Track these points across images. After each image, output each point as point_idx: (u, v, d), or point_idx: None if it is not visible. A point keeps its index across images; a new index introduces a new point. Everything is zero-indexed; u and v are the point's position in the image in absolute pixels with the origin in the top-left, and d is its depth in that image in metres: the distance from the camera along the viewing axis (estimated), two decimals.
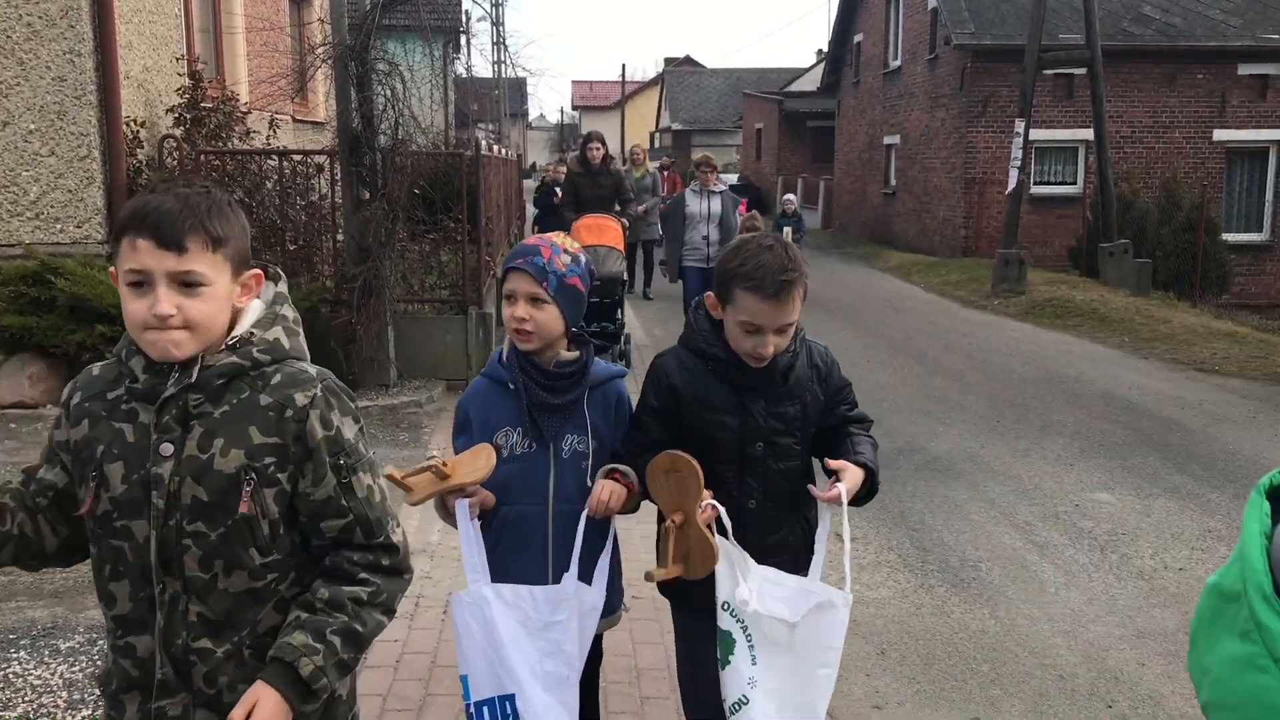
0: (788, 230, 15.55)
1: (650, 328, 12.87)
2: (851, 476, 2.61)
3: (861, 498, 2.68)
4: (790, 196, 18.58)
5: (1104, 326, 13.60)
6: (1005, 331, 13.54)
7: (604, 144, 11.54)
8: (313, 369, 2.01)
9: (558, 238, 2.76)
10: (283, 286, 2.09)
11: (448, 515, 2.66)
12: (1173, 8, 22.06)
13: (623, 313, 9.88)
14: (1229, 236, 20.22)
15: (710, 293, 2.76)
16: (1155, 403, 9.36)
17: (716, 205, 10.67)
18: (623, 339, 9.71)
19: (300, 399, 1.94)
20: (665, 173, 21.28)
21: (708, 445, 2.68)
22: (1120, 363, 11.41)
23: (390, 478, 2.42)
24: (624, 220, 10.42)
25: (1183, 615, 4.98)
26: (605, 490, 2.64)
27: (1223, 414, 8.96)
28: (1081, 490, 6.86)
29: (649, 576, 2.56)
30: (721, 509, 2.60)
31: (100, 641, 4.21)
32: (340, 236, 8.88)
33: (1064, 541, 5.93)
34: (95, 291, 7.67)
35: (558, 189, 13.87)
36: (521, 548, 2.72)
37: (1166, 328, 13.23)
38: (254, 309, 2.03)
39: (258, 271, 2.02)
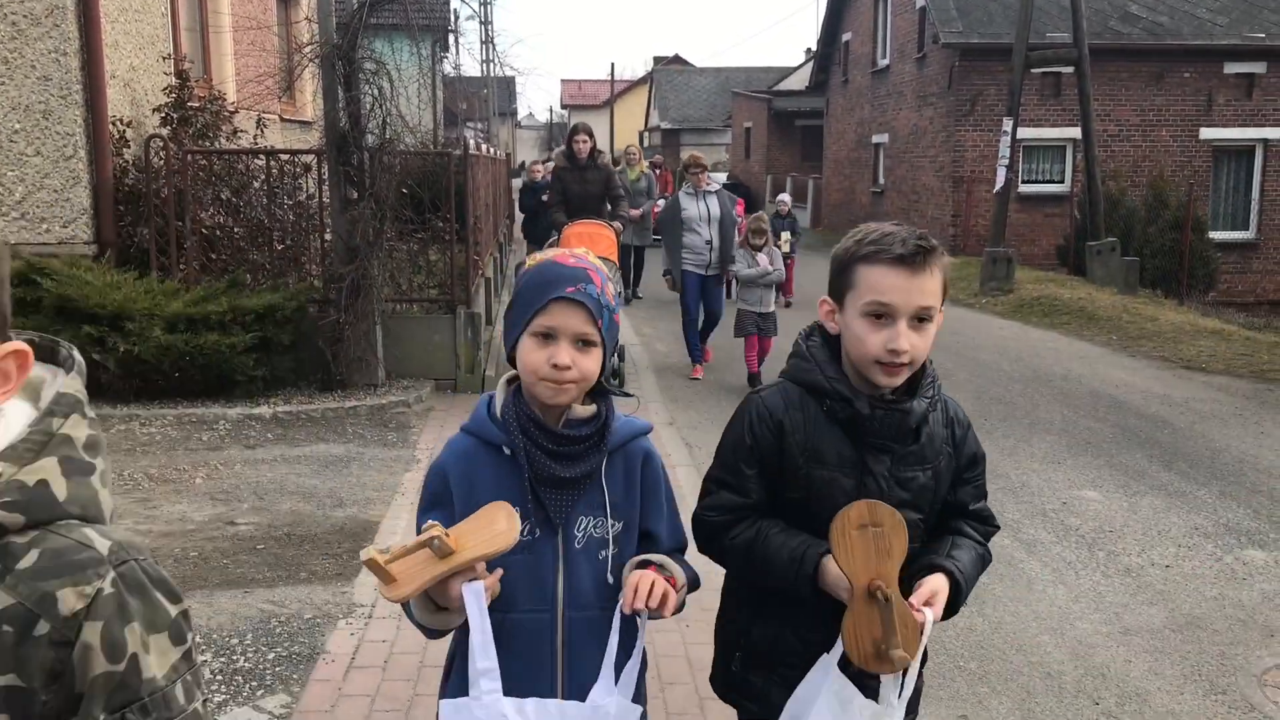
0: (785, 236, 14.39)
1: (639, 326, 12.86)
2: (939, 604, 2.06)
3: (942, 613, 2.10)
4: (784, 197, 17.84)
5: (1091, 324, 13.64)
6: (993, 329, 13.57)
7: (591, 135, 10.59)
8: (103, 542, 1.13)
9: (592, 257, 2.14)
10: (73, 381, 1.22)
11: (435, 612, 1.95)
12: (1159, 6, 22.14)
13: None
14: (1215, 234, 20.32)
15: (823, 298, 2.21)
16: (1142, 400, 9.40)
17: (714, 206, 9.96)
18: (617, 355, 9.55)
19: (69, 600, 1.08)
20: (658, 170, 20.54)
21: (808, 513, 2.10)
22: (1108, 360, 11.44)
23: (370, 564, 1.79)
24: (616, 225, 9.85)
25: (1169, 612, 5.00)
26: (646, 580, 1.96)
27: (1209, 411, 9.00)
28: (1069, 488, 6.88)
29: (885, 659, 1.96)
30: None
31: None
32: (328, 236, 8.86)
33: (1051, 539, 5.95)
34: (82, 292, 7.65)
35: (544, 195, 13.13)
36: (519, 668, 1.99)
37: (1154, 325, 13.27)
38: (12, 419, 1.16)
39: (21, 346, 1.15)
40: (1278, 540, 5.96)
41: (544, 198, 13.31)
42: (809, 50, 44.94)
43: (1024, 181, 21.84)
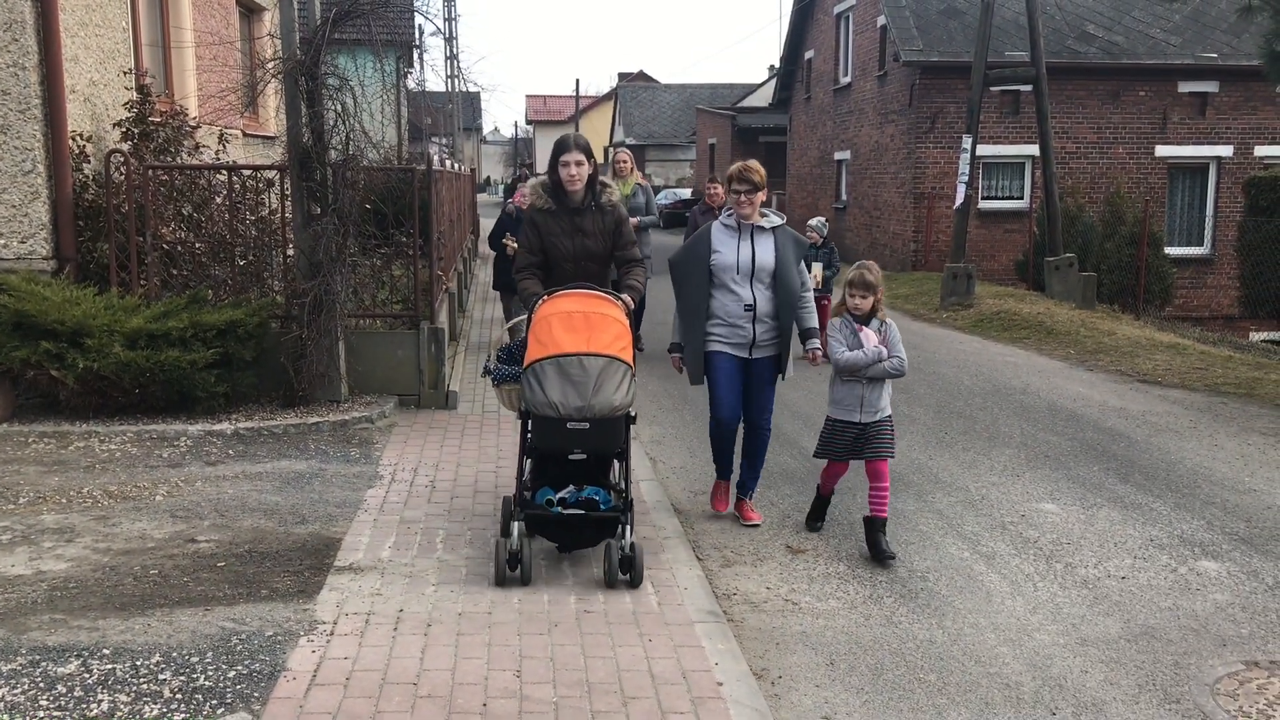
0: (817, 267, 11.48)
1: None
2: None
3: None
4: (817, 221, 13.14)
5: (1050, 339, 13.81)
6: (953, 344, 13.71)
7: (590, 155, 5.94)
8: None
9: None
10: None
11: None
12: (1115, 26, 22.52)
13: (628, 472, 5.47)
14: (1171, 250, 20.66)
15: None
16: (1099, 414, 9.53)
17: (767, 250, 6.13)
18: (627, 522, 5.24)
19: None
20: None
21: None
22: (1066, 374, 11.59)
23: None
24: (626, 298, 5.69)
25: (1125, 623, 5.08)
26: None
27: (1165, 424, 9.14)
28: (1027, 500, 6.97)
29: None
30: None
31: (43, 663, 4.16)
32: (291, 252, 8.83)
33: (1010, 551, 6.02)
34: (40, 308, 7.57)
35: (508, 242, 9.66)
36: None
37: (1111, 340, 13.46)
38: None
39: None
40: (1230, 551, 6.07)
41: (505, 242, 9.92)
42: (772, 67, 45.30)
43: (984, 198, 22.13)
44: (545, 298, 5.47)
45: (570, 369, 5.13)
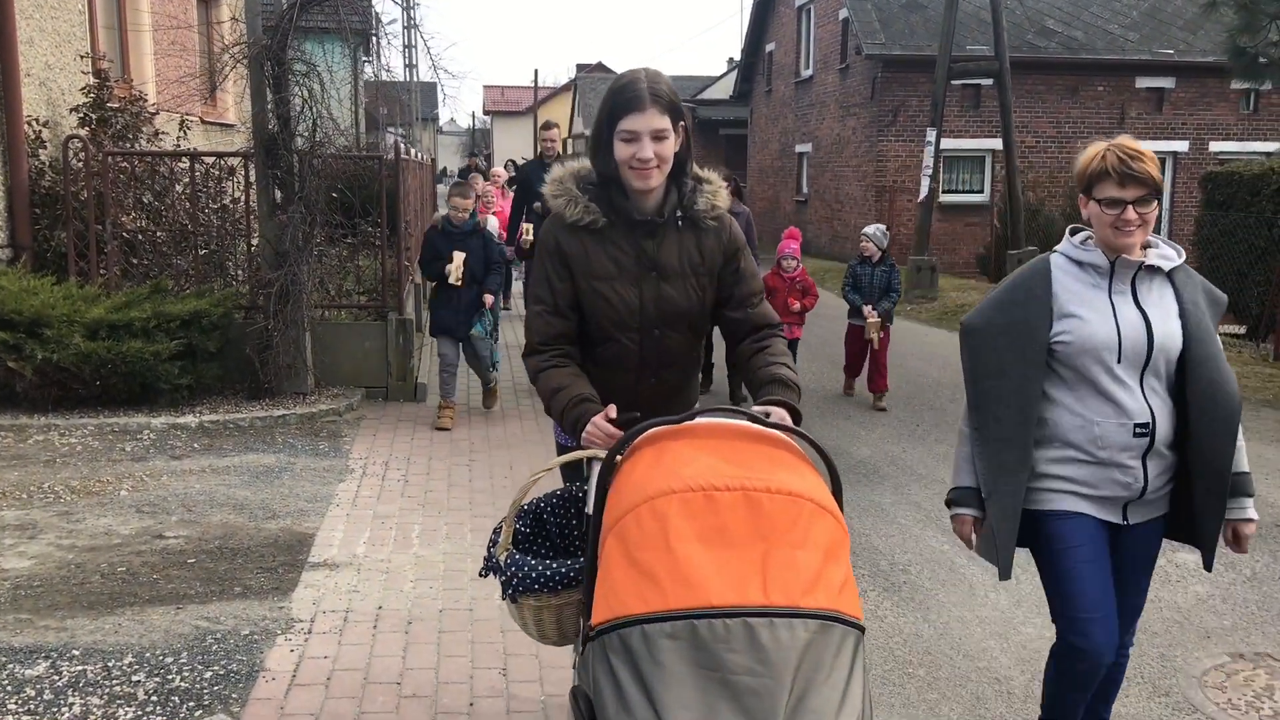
0: (868, 312, 9.27)
1: None
2: None
3: None
4: (875, 229, 9.71)
5: None
6: (920, 337, 13.74)
7: (679, 120, 2.92)
8: None
9: None
10: None
11: None
12: (1074, 22, 22.72)
13: None
14: None
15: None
16: None
17: (1167, 315, 3.13)
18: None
19: None
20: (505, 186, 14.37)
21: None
22: None
23: None
24: (782, 411, 2.67)
25: None
26: None
27: None
28: None
29: None
30: None
31: (10, 665, 4.01)
32: (254, 241, 8.65)
33: None
34: None
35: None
36: None
37: None
38: None
39: None
40: None
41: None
42: (731, 60, 45.28)
43: (944, 191, 22.24)
44: (634, 442, 2.49)
45: (730, 651, 2.09)
